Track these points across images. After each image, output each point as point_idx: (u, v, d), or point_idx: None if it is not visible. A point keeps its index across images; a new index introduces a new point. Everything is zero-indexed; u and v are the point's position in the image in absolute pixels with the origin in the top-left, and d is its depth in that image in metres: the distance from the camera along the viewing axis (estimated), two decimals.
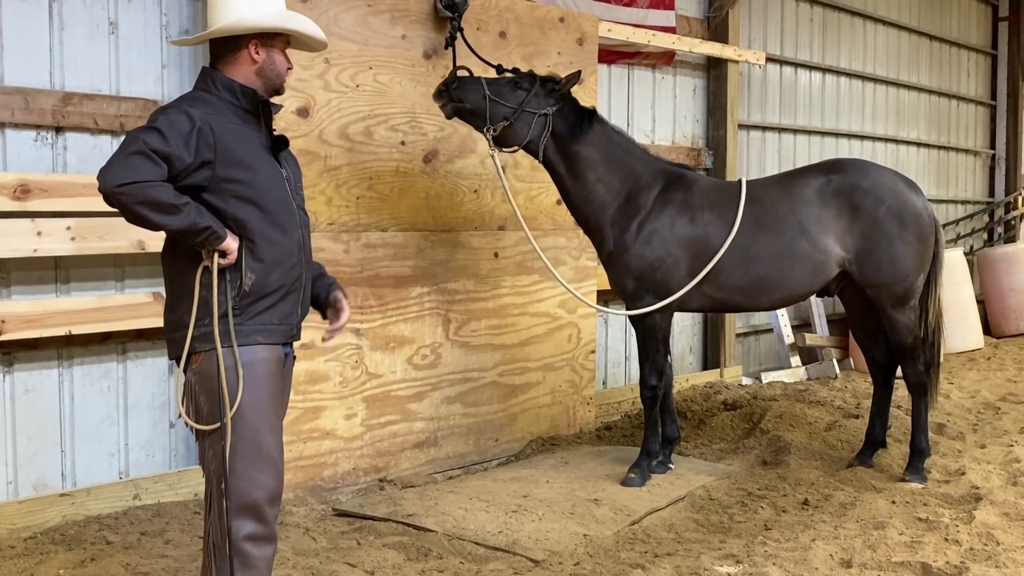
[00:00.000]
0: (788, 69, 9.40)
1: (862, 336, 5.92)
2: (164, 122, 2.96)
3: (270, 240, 3.12)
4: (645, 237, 5.30)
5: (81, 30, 4.72)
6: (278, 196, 3.17)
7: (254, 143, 3.16)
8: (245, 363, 3.06)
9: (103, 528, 4.47)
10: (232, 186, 3.06)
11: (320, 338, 3.79)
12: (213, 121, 3.04)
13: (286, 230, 3.17)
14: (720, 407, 7.12)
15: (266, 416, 3.12)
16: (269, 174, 3.16)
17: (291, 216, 3.21)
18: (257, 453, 3.08)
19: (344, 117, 5.28)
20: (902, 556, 4.16)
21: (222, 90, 3.17)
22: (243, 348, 3.07)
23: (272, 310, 3.15)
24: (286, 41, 3.27)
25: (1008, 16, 12.86)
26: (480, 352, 6.03)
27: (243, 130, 3.14)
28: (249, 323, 3.09)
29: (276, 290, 3.15)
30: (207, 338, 3.05)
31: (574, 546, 4.43)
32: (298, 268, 3.23)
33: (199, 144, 2.98)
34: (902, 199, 5.44)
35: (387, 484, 5.42)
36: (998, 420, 7.01)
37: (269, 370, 3.14)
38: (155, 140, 2.91)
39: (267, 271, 3.11)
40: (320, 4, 5.11)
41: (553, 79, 5.26)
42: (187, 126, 2.97)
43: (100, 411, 4.87)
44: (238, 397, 3.03)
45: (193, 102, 3.11)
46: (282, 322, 3.19)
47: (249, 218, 3.08)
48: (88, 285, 4.78)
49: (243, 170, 3.07)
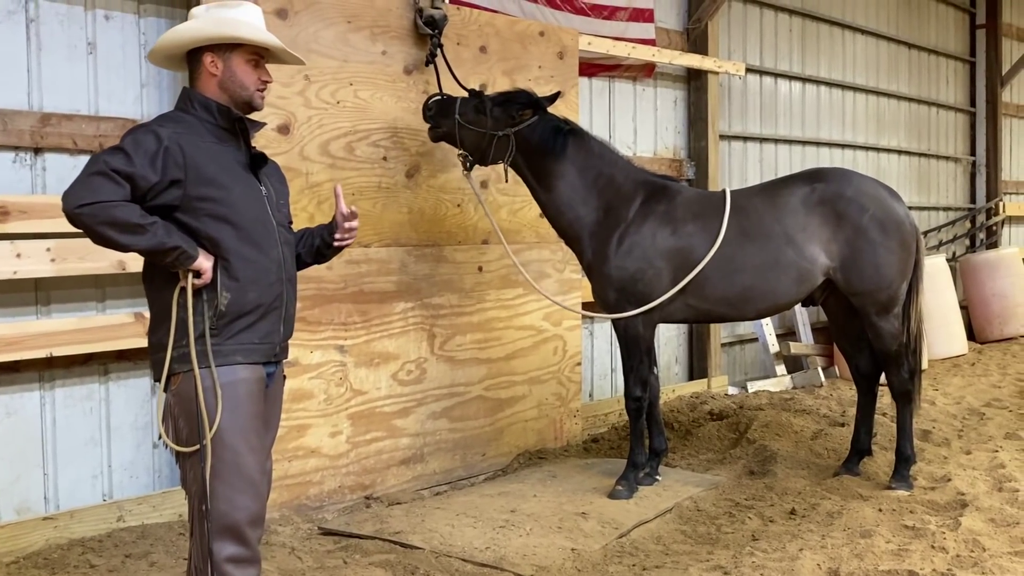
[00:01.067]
0: (768, 79, 9.45)
1: (845, 344, 5.94)
2: (130, 142, 2.95)
3: (245, 259, 3.09)
4: (625, 249, 5.31)
5: (59, 50, 4.70)
6: (254, 214, 3.14)
7: (229, 161, 3.14)
8: (224, 384, 3.04)
9: (87, 551, 4.43)
10: (205, 205, 3.04)
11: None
12: (184, 140, 3.03)
13: (263, 248, 3.15)
14: (706, 417, 7.13)
15: (246, 437, 3.09)
16: (244, 192, 3.14)
17: (269, 234, 3.18)
18: (237, 475, 3.05)
19: (325, 133, 5.27)
20: (889, 564, 4.17)
21: (199, 109, 3.16)
22: (221, 368, 3.05)
23: (251, 329, 3.13)
24: (254, 53, 3.23)
25: (985, 24, 12.96)
26: (465, 366, 6.02)
27: (218, 148, 3.12)
28: (227, 343, 3.07)
29: (254, 309, 3.12)
30: (185, 359, 3.03)
31: (562, 561, 4.41)
32: (278, 286, 3.20)
33: (166, 163, 2.96)
34: (885, 207, 5.47)
35: (373, 501, 5.40)
36: (983, 426, 7.03)
37: (249, 390, 3.12)
38: (118, 160, 2.90)
39: (244, 290, 3.09)
40: (300, 21, 5.11)
41: (518, 99, 5.33)
42: (154, 146, 2.96)
43: (83, 433, 4.83)
44: (217, 418, 3.01)
45: (166, 121, 3.10)
46: (262, 341, 3.16)
47: (223, 237, 3.06)
48: (69, 306, 4.75)
49: (215, 188, 3.05)
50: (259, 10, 3.31)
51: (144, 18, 4.97)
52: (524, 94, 5.39)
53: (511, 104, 5.34)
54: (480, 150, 5.37)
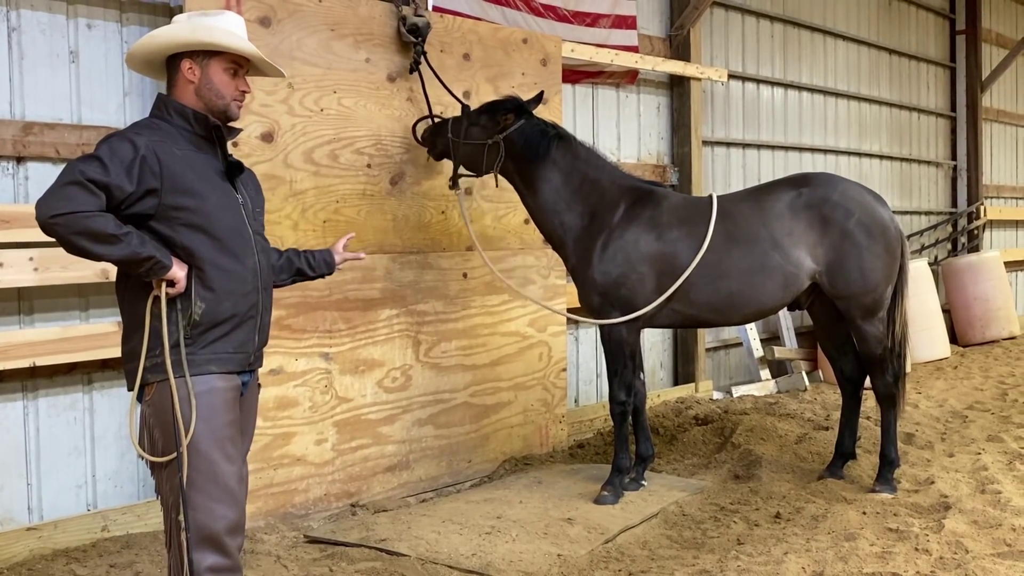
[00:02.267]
0: (750, 85, 9.50)
1: (830, 348, 5.97)
2: (106, 151, 2.93)
3: (220, 268, 3.08)
4: (610, 254, 5.33)
5: (41, 59, 4.69)
6: (230, 223, 3.13)
7: (205, 169, 3.12)
8: (198, 393, 3.02)
9: (71, 561, 4.41)
10: (180, 214, 3.02)
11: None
12: (160, 148, 3.01)
13: (239, 257, 3.14)
14: (692, 422, 7.15)
15: (222, 446, 3.07)
16: (220, 201, 3.12)
17: (245, 243, 3.17)
18: (214, 484, 3.04)
19: (309, 141, 5.27)
20: (873, 567, 4.19)
21: (175, 116, 3.14)
22: (196, 378, 3.03)
23: (226, 339, 3.11)
24: (232, 62, 3.20)
25: (965, 29, 13.07)
26: (451, 373, 6.02)
27: (194, 156, 3.11)
28: (201, 352, 3.06)
29: (229, 319, 3.11)
30: (159, 369, 3.02)
31: (548, 567, 4.42)
32: (253, 295, 3.19)
33: (142, 172, 2.94)
34: (871, 211, 5.51)
35: (359, 509, 5.39)
36: (966, 428, 7.08)
37: (224, 399, 3.10)
38: (93, 170, 2.88)
39: (218, 299, 3.07)
40: (283, 29, 5.12)
41: (503, 106, 5.43)
42: (130, 154, 2.93)
43: (66, 443, 4.81)
44: (192, 428, 3.00)
45: (142, 129, 3.08)
46: (237, 351, 3.15)
47: (198, 246, 3.05)
48: (52, 316, 4.73)
49: (191, 198, 3.03)
50: (241, 20, 3.30)
51: (127, 27, 4.96)
52: (509, 99, 5.46)
53: (497, 110, 5.43)
54: (475, 160, 5.47)
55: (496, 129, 5.39)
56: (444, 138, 5.47)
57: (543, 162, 5.40)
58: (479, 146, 5.41)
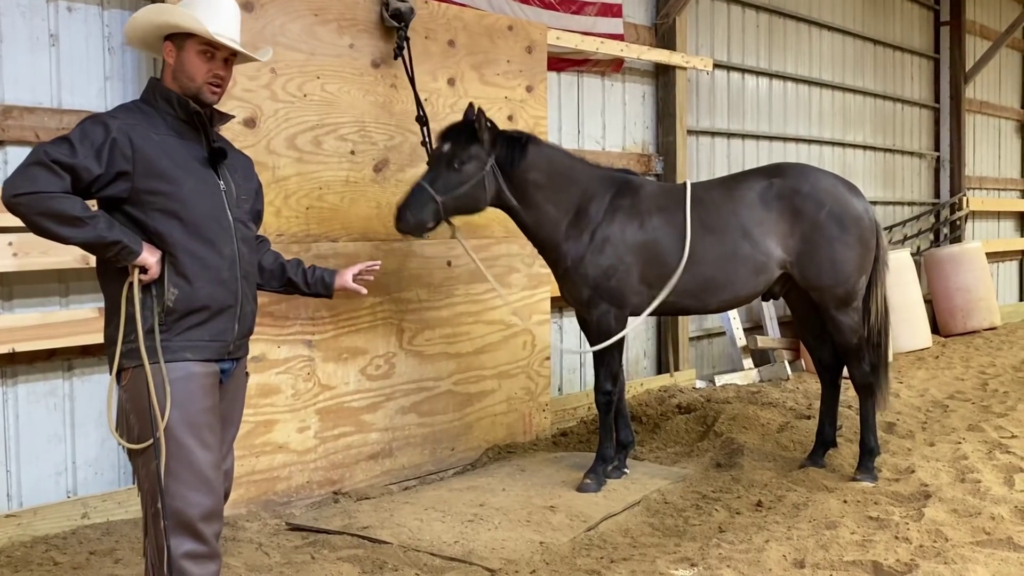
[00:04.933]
0: (735, 75, 9.50)
1: (808, 337, 6.00)
2: (78, 132, 2.92)
3: (194, 255, 3.05)
4: (598, 246, 5.31)
5: (21, 43, 4.64)
6: (206, 210, 3.10)
7: (184, 155, 3.09)
8: (172, 380, 3.01)
9: (51, 548, 4.39)
10: (153, 198, 3.00)
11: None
12: (136, 132, 2.99)
13: (215, 245, 3.10)
14: (674, 410, 7.17)
15: (198, 433, 3.05)
16: (197, 187, 3.09)
17: (223, 230, 3.14)
18: (188, 471, 3.03)
19: (292, 127, 5.24)
20: (854, 555, 4.21)
21: (160, 100, 3.12)
22: (171, 364, 3.02)
23: (203, 327, 3.09)
24: (206, 44, 3.12)
25: (949, 20, 13.11)
26: (435, 361, 6.01)
27: (174, 141, 3.08)
28: (177, 339, 3.04)
29: (205, 306, 3.08)
30: (134, 354, 3.01)
31: (530, 554, 4.42)
32: (232, 283, 3.16)
33: (112, 155, 2.93)
34: (843, 203, 5.51)
35: (342, 497, 5.38)
36: (946, 418, 7.13)
37: (200, 385, 3.08)
38: (60, 151, 2.87)
39: (192, 287, 3.05)
40: (266, 13, 5.08)
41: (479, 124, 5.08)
42: (101, 137, 2.92)
43: (46, 429, 4.78)
44: (166, 415, 2.98)
45: (122, 112, 3.07)
46: (214, 339, 3.12)
47: (171, 232, 3.02)
48: (32, 301, 4.70)
49: (165, 182, 3.01)
50: (229, 3, 3.23)
51: (108, 10, 4.92)
52: (474, 116, 5.13)
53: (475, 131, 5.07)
54: (476, 199, 5.11)
55: (488, 152, 5.10)
56: (431, 203, 4.94)
57: (526, 168, 5.20)
58: (478, 183, 5.07)
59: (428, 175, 5.06)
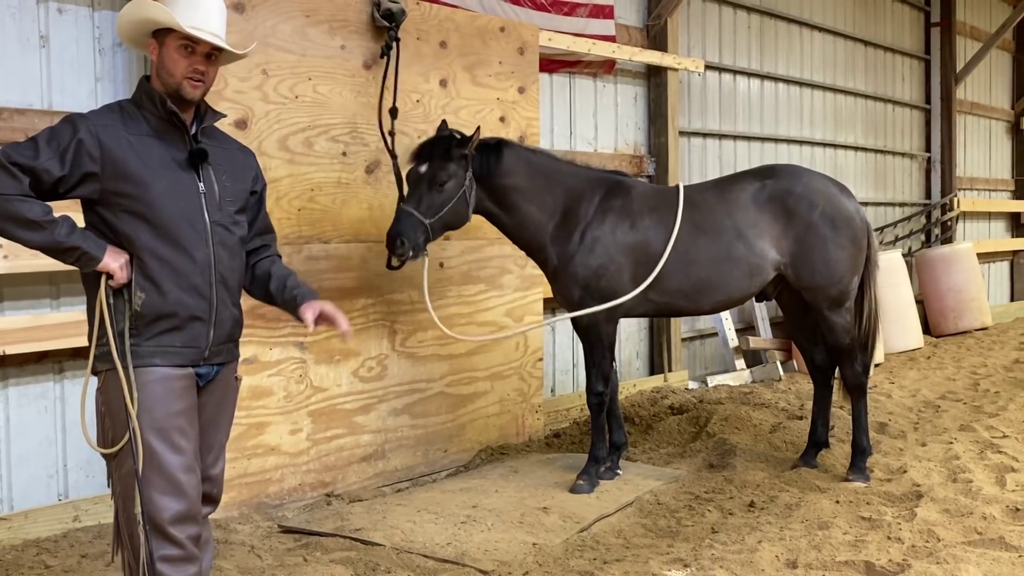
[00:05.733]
0: (727, 76, 9.52)
1: (800, 338, 6.01)
2: (45, 134, 2.92)
3: (162, 259, 3.00)
4: (588, 246, 5.32)
5: (11, 44, 4.62)
6: (176, 212, 3.02)
7: (160, 155, 3.04)
8: (141, 384, 2.98)
9: (42, 552, 4.36)
10: (122, 200, 2.97)
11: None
12: (107, 132, 2.96)
13: (185, 248, 3.04)
14: (667, 411, 7.17)
15: (167, 437, 3.01)
16: (169, 189, 3.02)
17: (196, 234, 3.06)
18: (157, 475, 2.99)
19: (283, 128, 5.23)
20: (846, 555, 4.22)
21: (145, 99, 3.09)
22: (140, 369, 2.99)
23: (175, 332, 3.04)
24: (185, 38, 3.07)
25: (940, 22, 13.17)
26: (427, 363, 6.00)
27: (151, 141, 3.04)
28: (147, 344, 3.01)
29: (175, 312, 3.03)
30: (106, 358, 3.00)
31: (523, 555, 4.42)
32: (204, 289, 3.08)
33: (78, 156, 2.90)
34: (835, 203, 5.53)
35: (334, 499, 5.37)
36: (938, 418, 7.14)
37: (170, 389, 3.03)
38: (21, 154, 2.85)
39: (160, 290, 3.00)
40: (257, 15, 5.07)
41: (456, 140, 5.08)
42: (68, 138, 2.90)
43: (37, 432, 4.76)
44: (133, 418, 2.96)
45: (100, 112, 3.05)
46: (187, 345, 3.07)
47: (138, 234, 2.98)
48: (22, 304, 4.68)
49: (133, 184, 2.97)
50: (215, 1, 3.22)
51: (98, 11, 4.90)
52: (448, 133, 5.16)
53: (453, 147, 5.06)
54: (460, 214, 5.13)
55: (465, 168, 5.10)
56: (421, 227, 4.95)
57: (502, 173, 5.20)
58: (460, 198, 5.07)
59: (411, 200, 5.04)
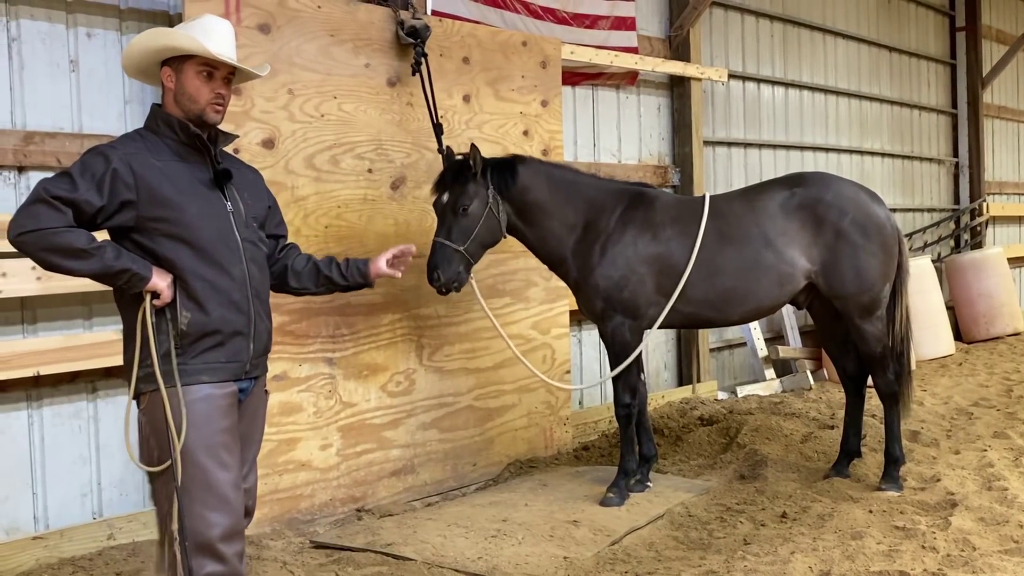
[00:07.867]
0: (751, 85, 9.50)
1: (832, 347, 5.96)
2: (78, 167, 2.96)
3: (204, 278, 3.08)
4: (609, 258, 5.32)
5: (41, 68, 4.70)
6: (212, 233, 3.12)
7: (187, 179, 3.12)
8: (189, 402, 3.04)
9: (77, 570, 4.41)
10: (159, 225, 3.04)
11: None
12: (137, 160, 3.02)
13: (223, 267, 3.13)
14: (696, 423, 7.14)
15: (215, 454, 3.08)
16: (202, 210, 3.11)
17: (231, 252, 3.16)
18: (207, 492, 3.05)
19: (310, 147, 5.28)
20: (880, 565, 4.18)
21: (162, 125, 3.16)
22: (187, 387, 3.04)
23: (219, 349, 3.12)
24: (205, 65, 3.16)
25: (965, 26, 13.07)
26: (455, 376, 6.02)
27: (177, 166, 3.11)
28: (192, 362, 3.07)
29: (218, 329, 3.11)
30: (150, 379, 3.05)
31: (554, 569, 4.41)
32: (244, 304, 3.18)
33: (114, 186, 2.96)
34: (865, 210, 5.50)
35: (365, 514, 5.39)
36: (971, 425, 7.07)
37: (217, 406, 3.10)
38: (60, 187, 2.91)
39: (204, 310, 3.08)
40: (282, 35, 5.12)
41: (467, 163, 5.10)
42: (101, 169, 2.96)
43: (72, 451, 4.82)
44: (182, 438, 3.00)
45: (124, 141, 3.11)
46: (230, 360, 3.15)
47: (180, 257, 3.05)
48: (55, 325, 4.74)
49: (169, 209, 3.04)
50: (223, 24, 3.28)
51: (126, 35, 4.97)
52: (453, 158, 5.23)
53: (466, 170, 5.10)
54: (494, 232, 5.20)
55: (485, 186, 5.12)
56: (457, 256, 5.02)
57: (521, 190, 5.22)
58: (488, 217, 5.12)
59: (441, 230, 5.09)
